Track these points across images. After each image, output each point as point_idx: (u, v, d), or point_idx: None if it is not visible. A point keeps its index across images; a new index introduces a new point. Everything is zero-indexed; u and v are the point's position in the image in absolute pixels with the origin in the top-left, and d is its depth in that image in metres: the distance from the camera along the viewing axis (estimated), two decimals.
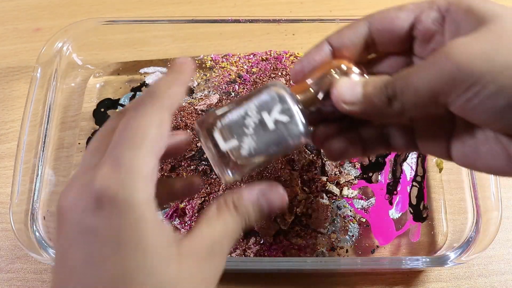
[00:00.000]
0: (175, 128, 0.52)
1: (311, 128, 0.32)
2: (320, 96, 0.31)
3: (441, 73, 0.25)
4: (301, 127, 0.29)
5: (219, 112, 0.29)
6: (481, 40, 0.25)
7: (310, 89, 0.31)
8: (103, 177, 0.24)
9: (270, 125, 0.29)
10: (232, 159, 0.28)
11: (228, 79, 0.56)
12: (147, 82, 0.56)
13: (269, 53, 0.58)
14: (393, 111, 0.28)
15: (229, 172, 0.29)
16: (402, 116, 0.28)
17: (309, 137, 0.31)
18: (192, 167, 0.51)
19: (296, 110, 0.29)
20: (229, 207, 0.28)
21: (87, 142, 0.52)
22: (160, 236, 0.25)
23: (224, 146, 0.28)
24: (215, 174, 0.50)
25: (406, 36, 0.31)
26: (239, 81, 0.56)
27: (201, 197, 0.49)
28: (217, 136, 0.29)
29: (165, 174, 0.50)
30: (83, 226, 0.24)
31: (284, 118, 0.29)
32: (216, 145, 0.29)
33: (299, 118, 0.29)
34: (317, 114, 0.31)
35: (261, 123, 0.29)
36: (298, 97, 0.31)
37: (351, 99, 0.29)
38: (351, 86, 0.29)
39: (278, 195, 0.29)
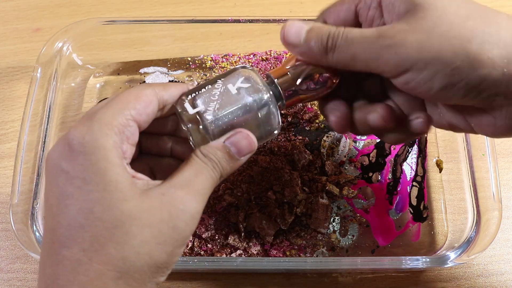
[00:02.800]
0: None
1: (282, 102, 0.34)
2: (298, 81, 0.33)
3: (379, 51, 0.29)
4: (263, 90, 0.32)
5: (192, 90, 0.32)
6: (415, 30, 0.28)
7: (288, 73, 0.34)
8: (76, 128, 0.27)
9: (233, 90, 0.32)
10: (201, 122, 0.31)
11: None
12: (147, 82, 0.56)
13: (269, 53, 0.58)
14: (327, 61, 0.31)
15: (198, 136, 0.31)
16: (335, 67, 0.32)
17: (278, 107, 0.33)
18: None
19: (258, 77, 0.32)
20: (198, 155, 0.30)
21: None
22: (122, 177, 0.27)
23: (191, 111, 0.31)
24: None
25: (356, 24, 0.34)
26: None
27: None
28: (187, 105, 0.31)
29: None
30: (58, 169, 0.27)
31: (246, 85, 0.32)
32: (186, 112, 0.31)
33: (262, 83, 0.32)
34: (295, 95, 0.34)
35: (226, 91, 0.32)
36: (276, 80, 0.34)
37: (293, 41, 0.32)
38: (297, 29, 0.32)
39: (242, 135, 0.31)
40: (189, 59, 0.58)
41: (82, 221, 0.26)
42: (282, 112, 0.53)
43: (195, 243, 0.47)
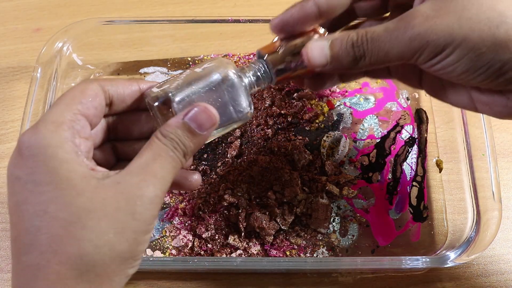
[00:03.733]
0: None
1: (271, 78, 0.35)
2: (288, 57, 0.34)
3: (412, 42, 0.29)
4: (229, 68, 0.32)
5: (142, 83, 0.33)
6: (444, 13, 0.28)
7: (278, 49, 0.34)
8: (24, 133, 0.27)
9: (198, 70, 0.31)
10: (164, 98, 0.30)
11: None
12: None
13: None
14: (359, 68, 0.31)
15: (160, 115, 0.31)
16: (367, 69, 0.32)
17: (268, 83, 0.34)
18: (192, 167, 0.51)
19: (228, 61, 0.32)
20: (157, 136, 0.29)
21: None
22: (74, 172, 0.26)
23: (156, 90, 0.31)
24: (215, 174, 0.50)
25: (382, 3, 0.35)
26: None
27: (201, 197, 0.49)
28: (154, 89, 0.31)
29: None
30: (12, 177, 0.27)
31: (212, 64, 0.32)
32: (151, 93, 0.31)
33: (230, 64, 0.32)
34: (284, 72, 0.34)
35: (191, 72, 0.32)
36: (266, 56, 0.34)
37: (321, 63, 0.32)
38: (319, 50, 0.32)
39: (201, 110, 0.30)
40: (189, 59, 0.58)
41: (38, 224, 0.25)
42: (282, 112, 0.53)
43: (195, 243, 0.47)
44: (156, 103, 0.31)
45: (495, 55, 0.28)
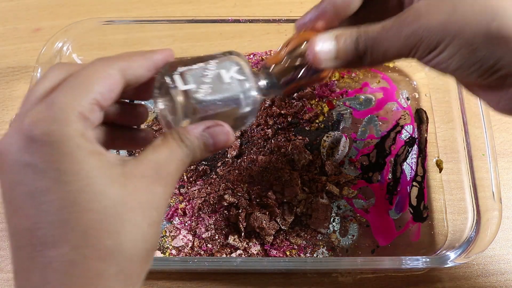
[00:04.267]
0: None
1: (279, 91, 0.35)
2: (294, 67, 0.34)
3: (406, 40, 0.29)
4: (253, 88, 0.31)
5: (181, 63, 0.31)
6: (438, 10, 0.28)
7: (284, 60, 0.34)
8: (34, 115, 0.24)
9: (226, 79, 0.30)
10: (188, 101, 0.29)
11: None
12: None
13: (269, 53, 0.58)
14: (363, 64, 0.32)
15: (181, 115, 0.30)
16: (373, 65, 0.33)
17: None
18: (192, 167, 0.51)
19: (249, 69, 0.32)
20: (175, 137, 0.28)
21: None
22: (99, 161, 0.25)
23: (182, 86, 0.29)
24: (215, 174, 0.50)
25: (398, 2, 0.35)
26: None
27: (201, 197, 0.49)
28: (177, 78, 0.30)
29: None
30: (21, 164, 0.24)
31: (239, 77, 0.31)
32: (174, 87, 0.30)
33: (252, 79, 0.31)
34: (292, 82, 0.34)
35: (218, 76, 0.30)
36: (273, 67, 0.34)
37: (326, 58, 0.32)
38: (324, 45, 0.32)
39: (222, 130, 0.30)
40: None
41: (67, 216, 0.23)
42: (282, 112, 0.53)
43: (195, 243, 0.47)
44: (178, 99, 0.29)
45: (488, 51, 0.28)
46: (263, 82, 0.33)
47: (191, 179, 0.50)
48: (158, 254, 0.47)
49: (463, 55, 0.28)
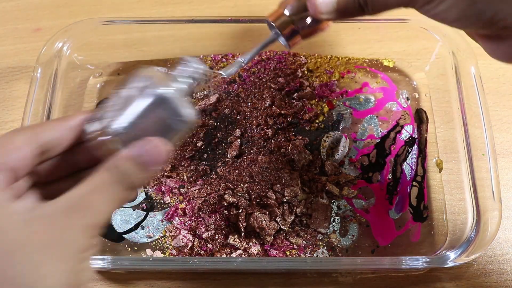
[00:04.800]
0: None
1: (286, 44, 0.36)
2: (296, 19, 0.35)
3: None
4: (160, 84, 0.30)
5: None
6: None
7: (284, 13, 0.35)
8: None
9: (131, 93, 0.29)
10: (106, 136, 0.29)
11: (228, 79, 0.56)
12: None
13: (269, 53, 0.58)
14: (364, 14, 0.32)
15: (112, 147, 0.29)
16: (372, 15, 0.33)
17: (286, 41, 0.35)
18: (192, 167, 0.51)
19: (157, 73, 0.30)
20: (101, 169, 0.28)
21: None
22: (7, 216, 0.25)
23: (97, 126, 0.29)
24: (215, 174, 0.50)
25: None
26: (239, 81, 0.56)
27: (201, 197, 0.49)
28: (96, 125, 0.30)
29: (165, 174, 0.50)
30: None
31: (144, 83, 0.30)
32: (98, 134, 0.29)
33: (160, 78, 0.30)
34: (295, 34, 0.36)
35: (123, 98, 0.29)
36: (274, 23, 0.36)
37: (326, 10, 0.33)
38: None
39: (153, 146, 0.29)
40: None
41: None
42: (282, 112, 0.53)
43: (195, 243, 0.47)
44: (101, 139, 0.29)
45: (486, 4, 0.28)
46: (179, 81, 0.32)
47: (191, 179, 0.50)
48: (158, 254, 0.47)
49: (462, 7, 0.29)
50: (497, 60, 0.33)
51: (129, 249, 0.48)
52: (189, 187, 0.50)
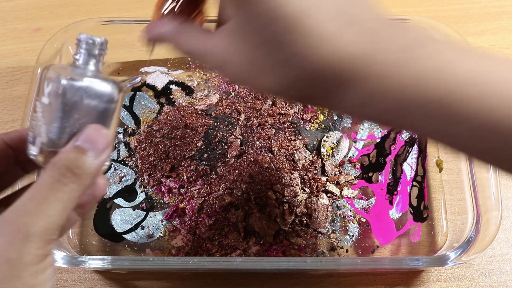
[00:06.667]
0: (175, 127, 0.52)
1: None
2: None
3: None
4: (60, 78, 0.28)
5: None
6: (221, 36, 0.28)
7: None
8: None
9: (45, 100, 0.28)
10: (46, 152, 0.28)
11: (228, 79, 0.56)
12: (147, 81, 0.56)
13: None
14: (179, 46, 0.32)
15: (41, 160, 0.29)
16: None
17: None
18: (192, 167, 0.50)
19: (56, 68, 0.29)
20: (39, 176, 0.27)
21: None
22: None
23: (34, 150, 0.28)
24: (215, 174, 0.50)
25: None
26: None
27: (201, 197, 0.49)
28: (30, 147, 0.29)
29: (165, 174, 0.50)
30: None
31: (50, 87, 0.28)
32: (33, 154, 0.29)
33: (50, 73, 0.28)
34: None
35: (43, 106, 0.28)
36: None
37: (150, 38, 0.34)
38: (147, 29, 0.33)
39: (91, 130, 0.28)
40: (189, 59, 0.58)
41: None
42: (282, 112, 0.53)
43: (195, 243, 0.47)
44: (40, 158, 0.29)
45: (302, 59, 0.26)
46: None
47: (191, 179, 0.50)
48: (158, 254, 0.47)
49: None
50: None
51: (129, 249, 0.48)
52: (189, 187, 0.50)
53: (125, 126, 0.54)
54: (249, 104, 0.54)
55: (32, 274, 0.24)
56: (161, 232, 0.48)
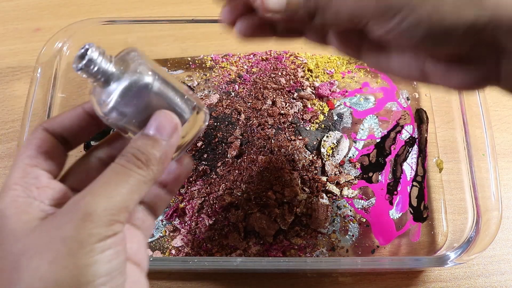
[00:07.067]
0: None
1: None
2: None
3: (361, 2, 0.27)
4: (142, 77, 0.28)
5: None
6: None
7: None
8: None
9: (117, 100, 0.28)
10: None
11: (228, 79, 0.56)
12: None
13: (269, 53, 0.58)
14: (313, 24, 0.29)
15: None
16: (323, 29, 0.30)
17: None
18: (192, 167, 0.50)
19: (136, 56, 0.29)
20: (114, 162, 0.27)
21: (87, 143, 0.52)
22: (16, 224, 0.25)
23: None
24: (215, 174, 0.50)
25: None
26: (239, 81, 0.56)
27: (201, 197, 0.49)
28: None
29: None
30: None
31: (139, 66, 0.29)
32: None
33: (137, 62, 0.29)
34: None
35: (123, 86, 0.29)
36: None
37: (274, 8, 0.30)
38: None
39: (159, 115, 0.28)
40: (189, 59, 0.58)
41: None
42: (282, 112, 0.53)
43: (195, 243, 0.47)
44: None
45: (455, 17, 0.25)
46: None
47: (191, 179, 0.50)
48: (158, 254, 0.47)
49: (429, 22, 0.26)
50: (466, 91, 0.30)
51: None
52: (189, 187, 0.50)
53: None
54: (249, 104, 0.54)
55: (87, 253, 0.24)
56: (161, 232, 0.48)
